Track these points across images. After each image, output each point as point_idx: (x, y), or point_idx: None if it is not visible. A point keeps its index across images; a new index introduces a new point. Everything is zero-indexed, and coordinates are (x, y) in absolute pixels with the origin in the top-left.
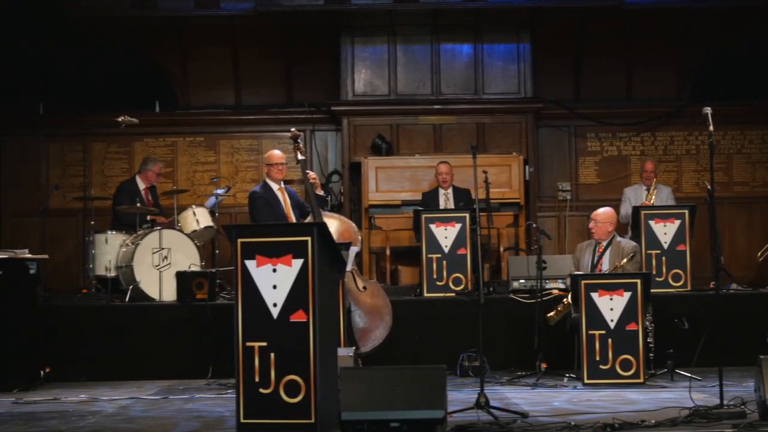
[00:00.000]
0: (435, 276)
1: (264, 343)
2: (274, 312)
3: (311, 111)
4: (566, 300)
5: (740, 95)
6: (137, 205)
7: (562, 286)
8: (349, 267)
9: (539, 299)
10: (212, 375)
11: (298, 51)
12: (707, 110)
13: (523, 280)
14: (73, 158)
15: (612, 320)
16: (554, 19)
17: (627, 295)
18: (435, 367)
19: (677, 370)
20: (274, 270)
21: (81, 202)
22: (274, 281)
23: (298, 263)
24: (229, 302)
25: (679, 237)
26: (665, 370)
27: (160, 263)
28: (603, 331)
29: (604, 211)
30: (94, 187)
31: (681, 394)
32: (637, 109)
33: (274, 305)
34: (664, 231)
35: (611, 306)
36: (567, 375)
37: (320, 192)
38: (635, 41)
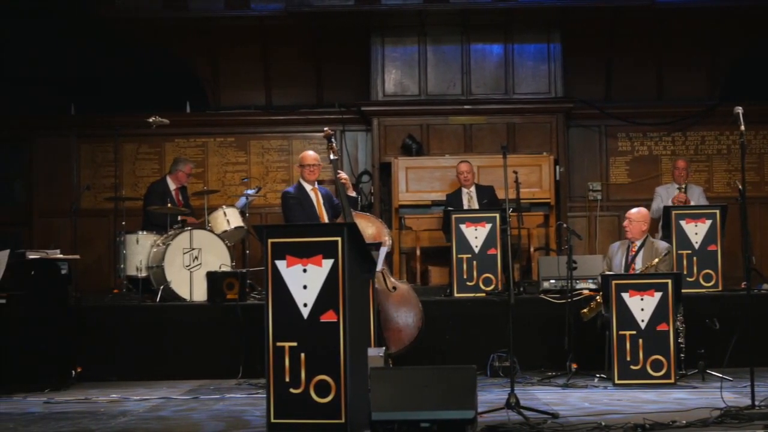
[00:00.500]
0: (465, 276)
1: (294, 343)
2: (305, 312)
3: (341, 111)
4: (598, 298)
5: None
6: (168, 205)
7: (592, 286)
8: (380, 267)
9: (570, 299)
10: (243, 375)
11: (328, 51)
12: (738, 110)
13: (554, 281)
14: (104, 159)
15: (643, 320)
16: (585, 19)
17: (658, 295)
18: (465, 368)
19: (708, 371)
20: (305, 270)
21: (112, 202)
22: (305, 281)
23: (328, 263)
24: (260, 302)
25: (710, 237)
26: (696, 370)
27: (190, 263)
28: (634, 332)
29: (638, 210)
30: (125, 188)
31: (712, 395)
32: (667, 109)
33: (305, 305)
34: (695, 231)
35: (642, 306)
36: (597, 375)
37: (352, 193)
38: (666, 40)
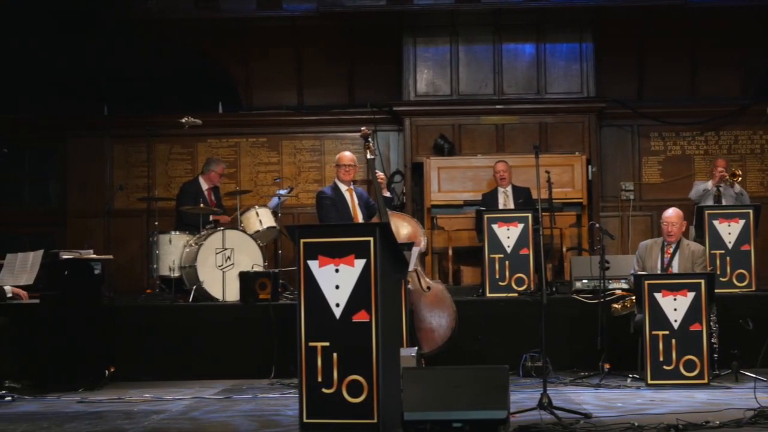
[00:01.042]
0: (497, 276)
1: (326, 343)
2: (337, 312)
3: (373, 111)
4: (631, 300)
5: None
6: (200, 205)
7: (625, 286)
8: (412, 267)
9: (602, 299)
10: (275, 375)
11: (360, 51)
12: None
13: (586, 281)
14: (137, 159)
15: (676, 321)
16: (617, 18)
17: (691, 295)
18: (497, 368)
19: (742, 371)
20: (337, 270)
21: (145, 202)
22: (337, 281)
23: (360, 263)
24: (292, 302)
25: (743, 237)
26: (729, 370)
27: (223, 263)
28: (667, 332)
29: (675, 212)
30: (158, 188)
31: (746, 395)
32: (700, 108)
33: (337, 305)
34: (729, 231)
35: (675, 306)
36: (630, 375)
37: (386, 193)
38: (698, 40)
